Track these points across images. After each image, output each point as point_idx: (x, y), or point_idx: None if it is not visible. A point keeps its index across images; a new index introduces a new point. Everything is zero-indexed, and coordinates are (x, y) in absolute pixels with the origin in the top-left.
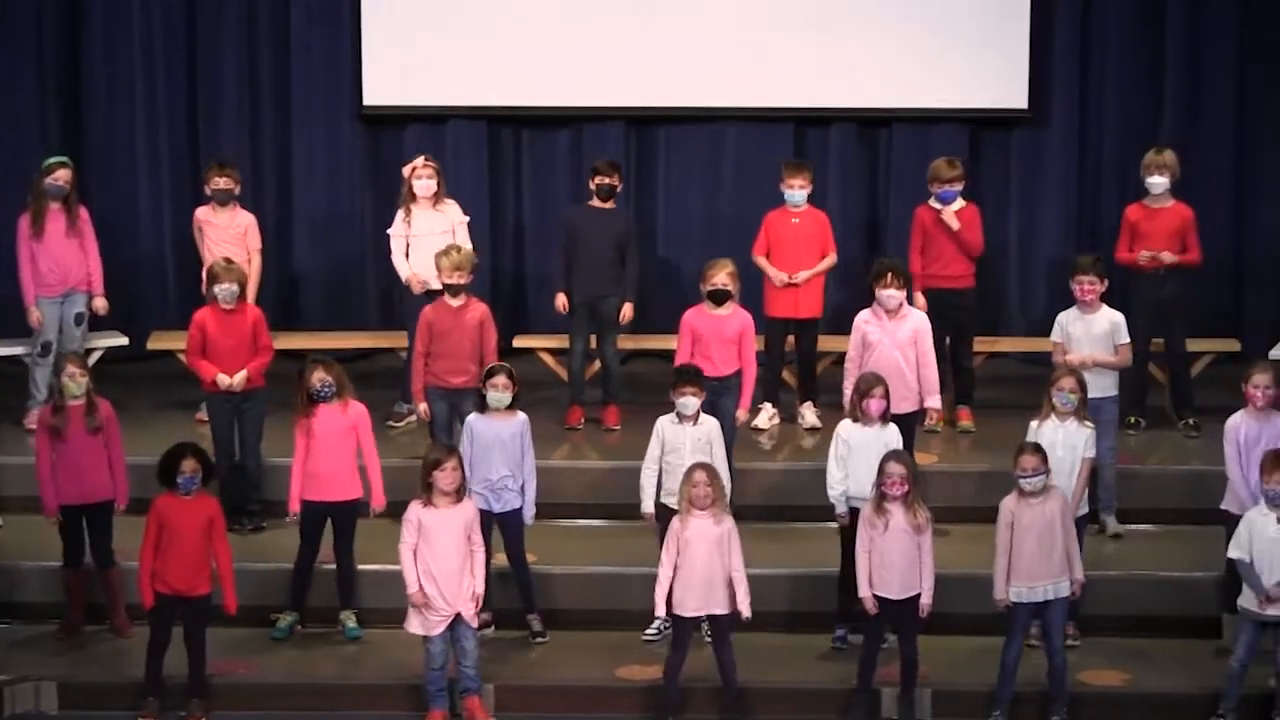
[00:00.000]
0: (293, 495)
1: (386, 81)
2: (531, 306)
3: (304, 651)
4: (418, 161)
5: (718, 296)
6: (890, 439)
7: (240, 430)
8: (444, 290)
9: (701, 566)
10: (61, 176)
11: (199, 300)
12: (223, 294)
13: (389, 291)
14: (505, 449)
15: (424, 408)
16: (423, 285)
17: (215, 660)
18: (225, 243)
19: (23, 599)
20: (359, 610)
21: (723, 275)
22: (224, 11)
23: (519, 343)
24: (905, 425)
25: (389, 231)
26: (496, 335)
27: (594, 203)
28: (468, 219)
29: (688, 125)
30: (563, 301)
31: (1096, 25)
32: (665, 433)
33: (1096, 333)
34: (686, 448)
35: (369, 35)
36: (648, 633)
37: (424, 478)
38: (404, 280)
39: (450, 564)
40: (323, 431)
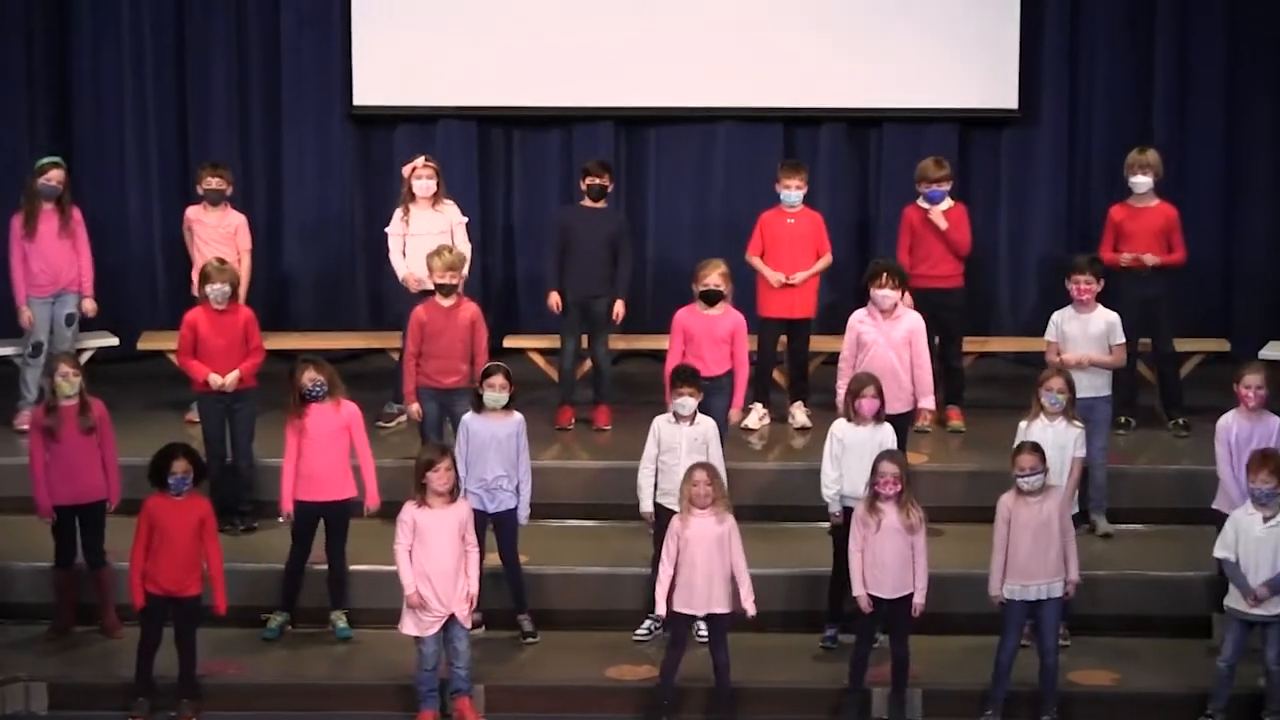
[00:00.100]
0: (285, 495)
1: (376, 82)
2: (522, 307)
3: (294, 652)
4: (418, 161)
5: (710, 297)
6: (885, 438)
7: (232, 431)
8: (436, 290)
9: (702, 565)
10: (54, 177)
11: (189, 300)
12: (215, 294)
13: (379, 292)
14: (501, 449)
15: (415, 408)
16: (420, 284)
17: (206, 660)
18: (215, 242)
19: (13, 599)
20: (349, 610)
21: (715, 275)
22: (213, 12)
23: (509, 343)
24: (898, 425)
25: (387, 230)
26: (488, 335)
27: (586, 203)
28: (466, 220)
29: (678, 125)
30: (555, 300)
31: (1086, 26)
32: (662, 433)
33: (1093, 332)
34: (683, 448)
35: (359, 35)
36: (638, 633)
37: (417, 478)
38: (401, 279)
39: (445, 564)
40: (315, 431)
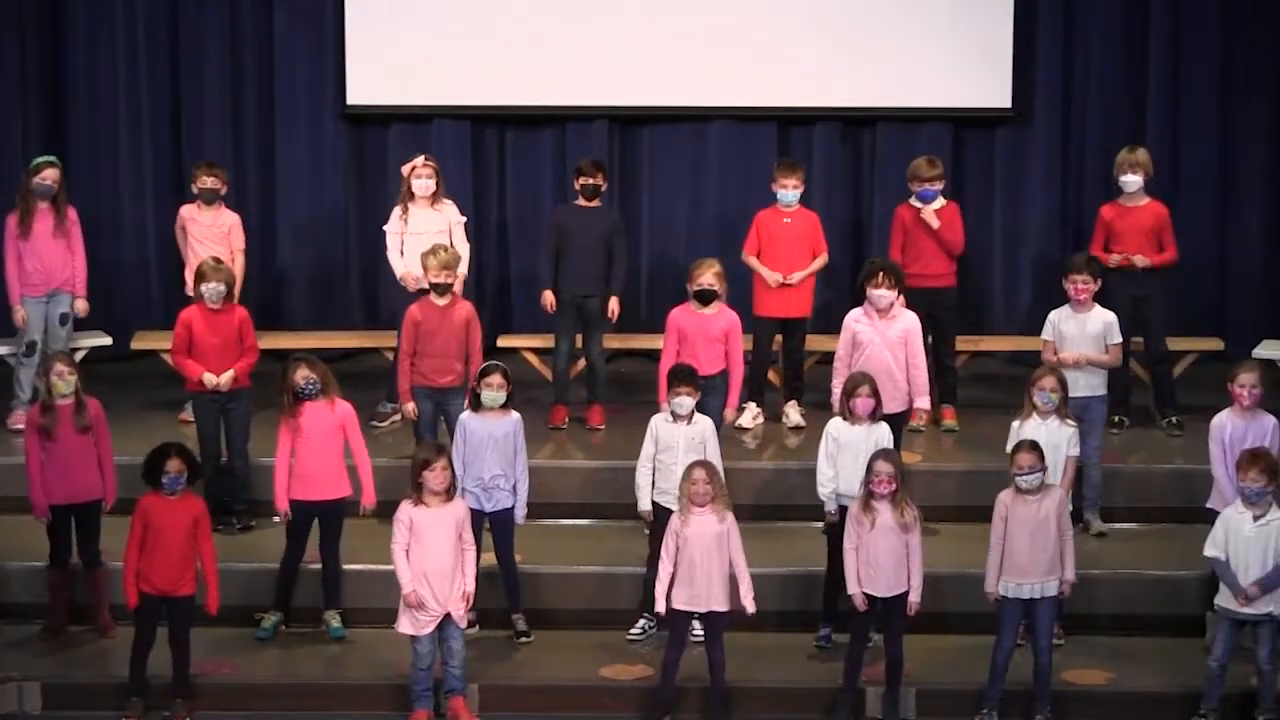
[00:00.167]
0: (279, 494)
1: (370, 81)
2: (516, 306)
3: (288, 651)
4: (417, 160)
5: (704, 296)
6: (881, 438)
7: (227, 430)
8: (430, 289)
9: (701, 563)
10: (49, 176)
11: (182, 300)
12: (210, 293)
13: (373, 291)
14: (498, 448)
15: (411, 407)
16: (418, 283)
17: (199, 660)
18: (209, 241)
19: (7, 599)
20: (344, 610)
21: (709, 275)
22: (206, 11)
23: (503, 342)
24: (893, 425)
25: (385, 228)
26: (482, 334)
27: (580, 202)
28: (465, 219)
29: (672, 124)
30: (550, 300)
31: (1079, 25)
32: (659, 432)
33: (1091, 332)
34: (680, 447)
35: (352, 34)
36: (632, 632)
37: (414, 477)
38: (399, 277)
39: (442, 563)
40: (310, 430)
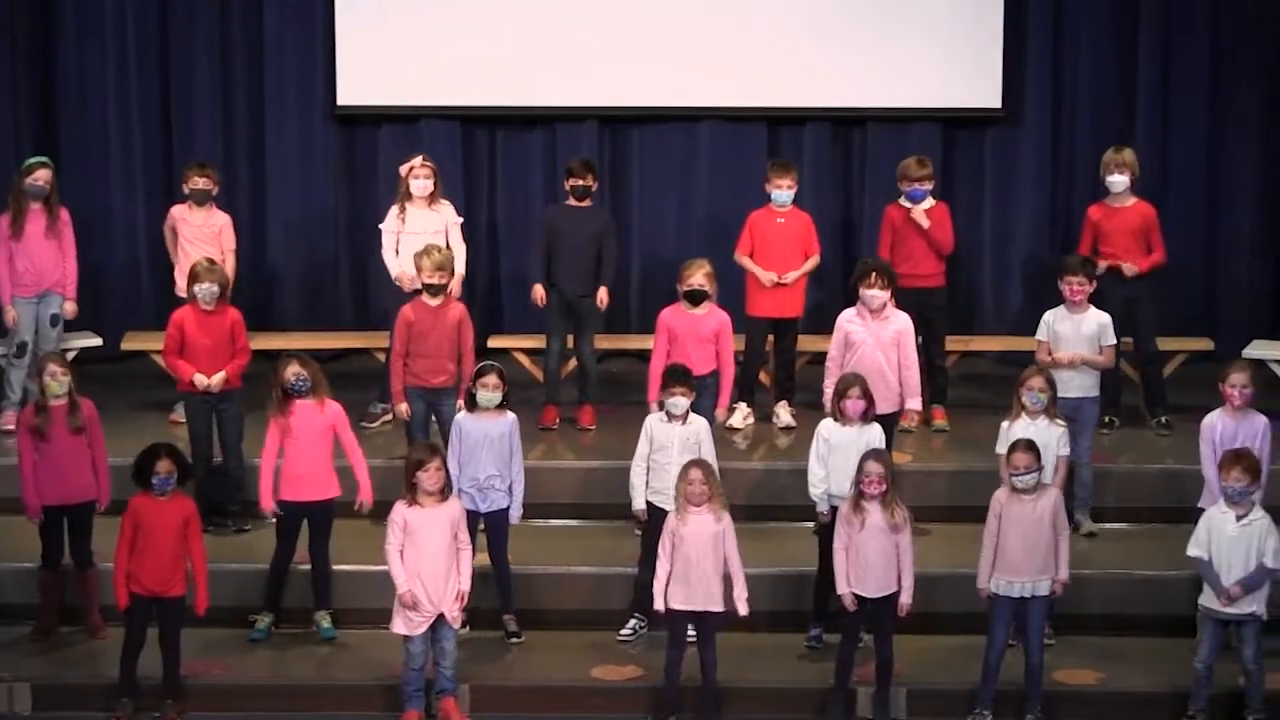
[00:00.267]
0: (264, 492)
1: (360, 81)
2: (506, 307)
3: (279, 652)
4: (415, 161)
5: (694, 296)
6: (872, 438)
7: (221, 432)
8: (424, 289)
9: (697, 563)
10: (41, 177)
11: (172, 300)
12: (203, 294)
13: (364, 292)
14: (493, 448)
15: (404, 408)
16: (413, 283)
17: (190, 661)
18: (200, 242)
19: None
20: (334, 611)
21: (699, 275)
22: (197, 12)
23: (494, 343)
24: (885, 426)
25: (381, 226)
26: (474, 334)
27: (571, 202)
28: (461, 220)
29: (661, 125)
30: (540, 293)
31: (1069, 25)
32: (654, 431)
33: (1086, 333)
34: (675, 447)
35: (342, 35)
36: (622, 633)
37: (408, 478)
38: (394, 277)
39: (436, 564)
40: (300, 430)
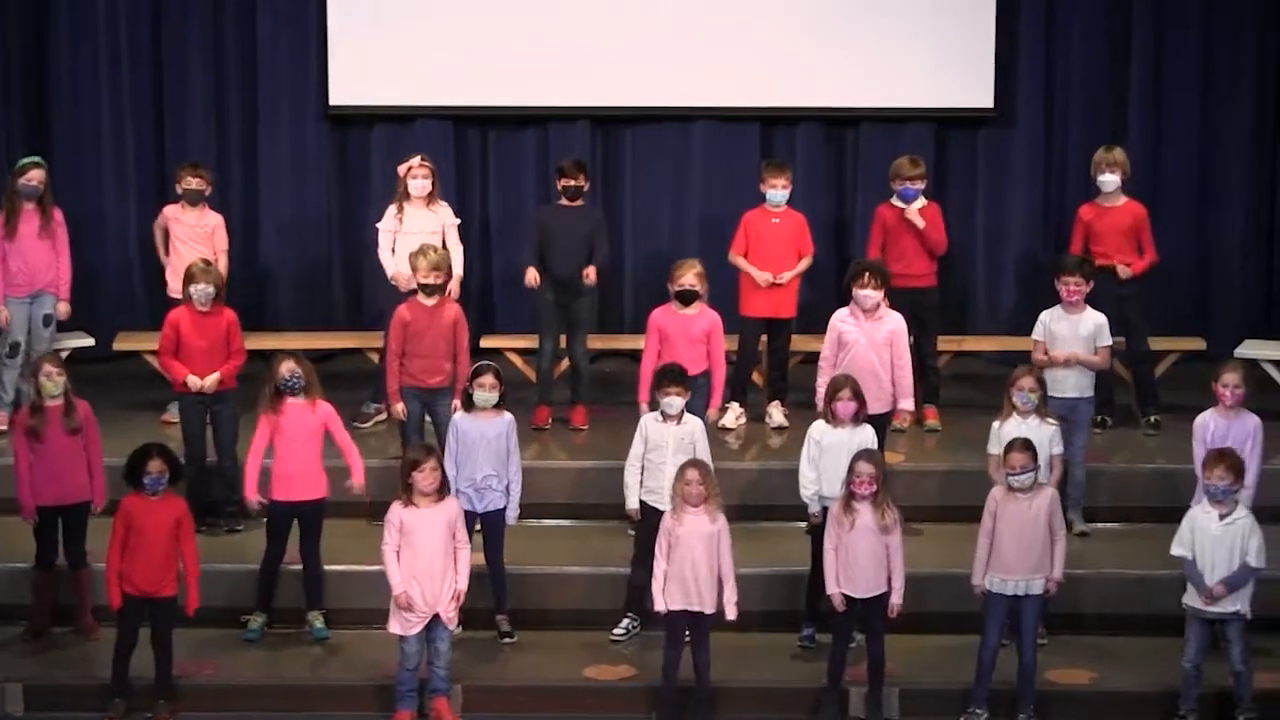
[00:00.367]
0: (249, 482)
1: (352, 81)
2: (499, 307)
3: (271, 652)
4: (414, 161)
5: (685, 296)
6: (864, 439)
7: (215, 432)
8: (419, 289)
9: (693, 563)
10: (35, 177)
11: (164, 301)
12: (198, 295)
13: (356, 292)
14: (490, 448)
15: (400, 407)
16: (409, 283)
17: (182, 661)
18: (192, 242)
19: None
20: (327, 611)
21: (690, 275)
22: (189, 13)
23: (486, 343)
24: (877, 426)
25: (378, 225)
26: (469, 334)
27: (563, 202)
28: (459, 222)
29: (654, 125)
30: (533, 276)
31: (1062, 25)
32: (649, 431)
33: (1082, 333)
34: (669, 447)
35: (335, 35)
36: (615, 633)
37: (403, 479)
38: (390, 276)
39: (432, 565)
40: (290, 430)
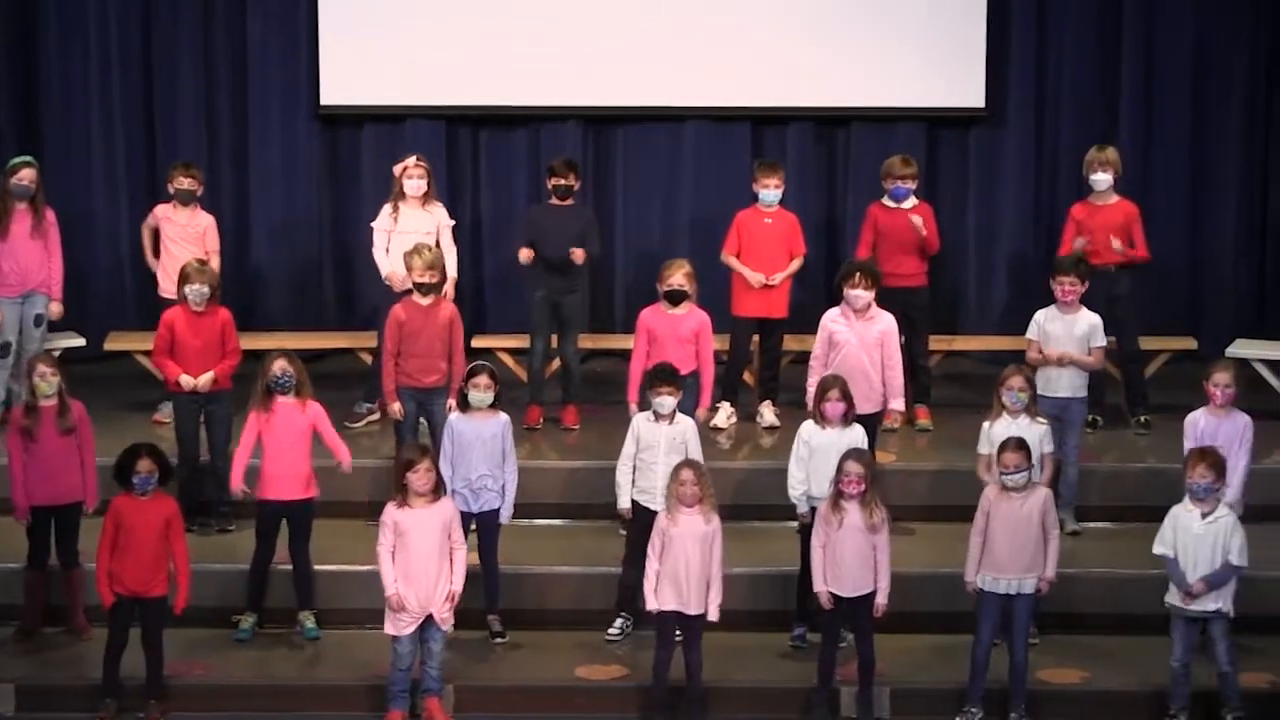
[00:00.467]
0: (235, 474)
1: (343, 81)
2: (490, 307)
3: (263, 652)
4: (409, 161)
5: (674, 297)
6: (855, 440)
7: (209, 432)
8: (414, 289)
9: (686, 563)
10: (26, 176)
11: (155, 301)
12: (193, 295)
13: (347, 292)
14: (485, 448)
15: (397, 407)
16: (404, 283)
17: (174, 661)
18: (184, 242)
19: None
20: (318, 611)
21: (679, 275)
22: (180, 13)
23: (478, 343)
24: (868, 426)
25: (373, 224)
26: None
27: (554, 201)
28: (454, 223)
29: (645, 124)
30: (527, 253)
31: (1053, 25)
32: (640, 431)
33: (1077, 334)
34: (661, 446)
35: (325, 35)
36: (610, 632)
37: (397, 479)
38: (384, 276)
39: (425, 565)
40: (280, 429)
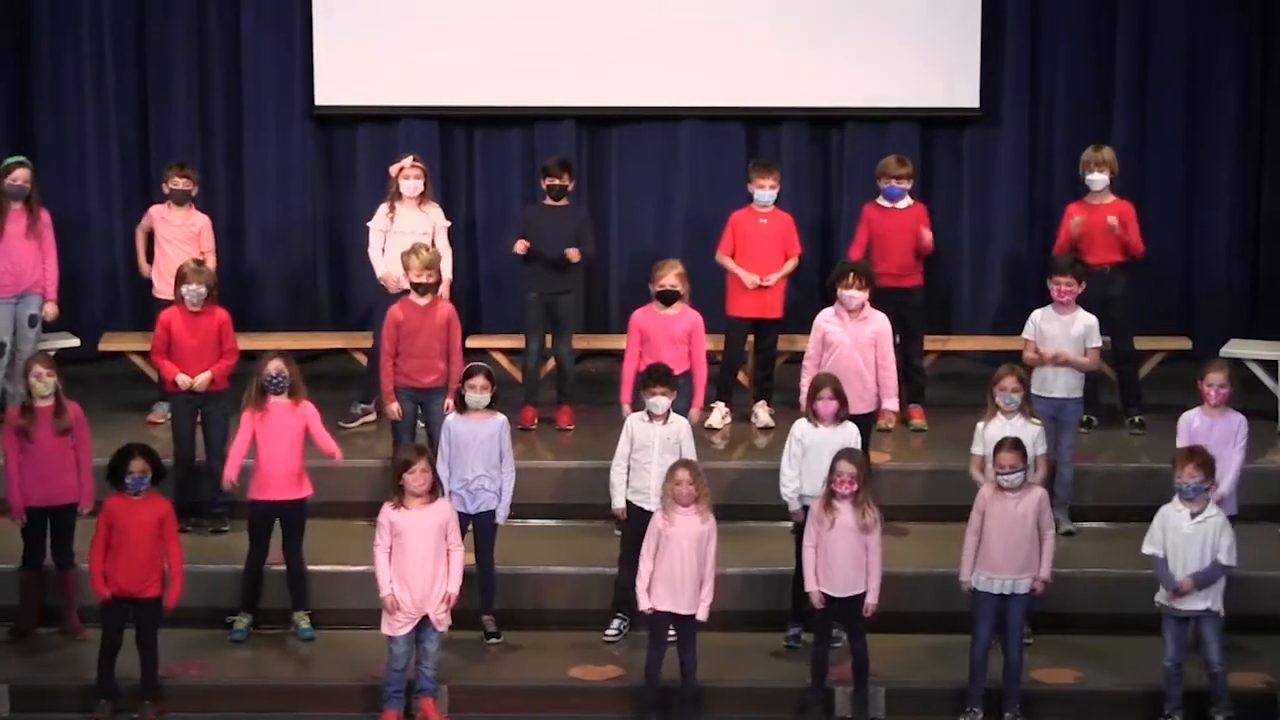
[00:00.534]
0: (228, 468)
1: (338, 81)
2: (485, 307)
3: (257, 653)
4: (406, 161)
5: (666, 297)
6: (848, 439)
7: (206, 432)
8: (411, 289)
9: (682, 563)
10: (20, 177)
11: (149, 302)
12: (190, 295)
13: (342, 292)
14: (482, 449)
15: (395, 407)
16: (399, 284)
17: (168, 662)
18: (178, 242)
19: None
20: (313, 611)
21: (671, 276)
22: (174, 12)
23: (473, 343)
24: (862, 426)
25: (369, 224)
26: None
27: (548, 202)
28: (449, 224)
29: (639, 124)
30: (523, 244)
31: (1047, 25)
32: (635, 431)
33: (1074, 334)
34: (655, 446)
35: (320, 35)
36: (608, 633)
37: (394, 480)
38: (380, 276)
39: (423, 566)
40: (273, 429)
